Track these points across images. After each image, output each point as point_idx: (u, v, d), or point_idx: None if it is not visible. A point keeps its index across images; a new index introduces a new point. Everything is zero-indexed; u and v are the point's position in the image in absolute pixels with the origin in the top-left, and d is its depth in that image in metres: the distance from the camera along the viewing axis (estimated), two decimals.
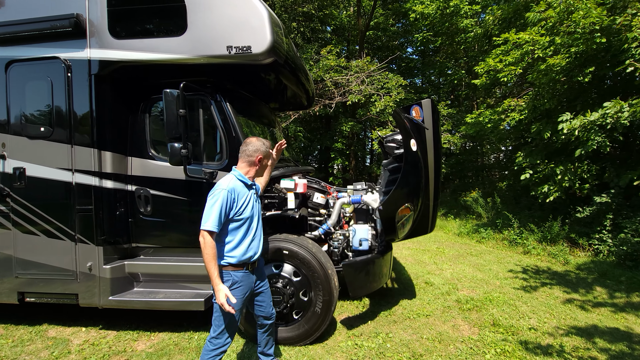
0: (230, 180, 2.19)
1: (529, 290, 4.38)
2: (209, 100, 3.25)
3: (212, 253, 2.02)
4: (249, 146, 2.29)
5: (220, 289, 2.02)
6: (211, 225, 2.02)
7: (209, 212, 2.05)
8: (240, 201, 2.18)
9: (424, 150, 2.96)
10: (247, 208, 2.22)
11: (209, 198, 2.10)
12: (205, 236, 2.02)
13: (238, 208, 2.16)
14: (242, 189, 2.23)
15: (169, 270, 3.27)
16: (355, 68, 11.26)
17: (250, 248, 2.25)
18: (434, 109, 2.96)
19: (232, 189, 2.14)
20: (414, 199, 3.00)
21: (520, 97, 7.24)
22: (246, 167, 2.30)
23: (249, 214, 2.23)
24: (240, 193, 2.19)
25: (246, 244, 2.23)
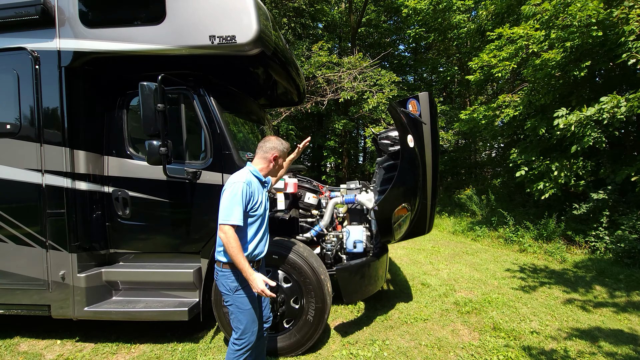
0: (246, 174, 2.14)
1: (528, 290, 4.26)
2: (192, 94, 3.03)
3: (239, 245, 1.97)
4: (266, 143, 2.26)
5: (255, 278, 1.97)
6: (236, 219, 1.98)
7: (230, 205, 1.99)
8: (256, 197, 2.13)
9: (422, 147, 2.79)
10: (261, 205, 2.18)
11: (226, 191, 2.05)
12: (228, 231, 1.96)
13: (254, 203, 2.11)
14: (257, 184, 2.19)
15: (151, 278, 3.04)
16: (348, 65, 11.09)
17: (259, 245, 2.22)
18: (432, 102, 2.79)
19: (250, 182, 2.10)
20: (412, 198, 2.83)
21: (515, 92, 7.13)
22: (261, 163, 2.25)
23: (262, 211, 2.20)
24: (256, 189, 2.15)
25: (257, 240, 2.18)
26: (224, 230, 1.97)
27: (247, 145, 3.53)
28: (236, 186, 2.03)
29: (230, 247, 1.95)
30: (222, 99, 3.23)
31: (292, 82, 4.15)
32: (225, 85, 3.47)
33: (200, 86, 3.05)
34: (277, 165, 2.29)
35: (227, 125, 3.07)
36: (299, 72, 4.19)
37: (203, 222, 3.03)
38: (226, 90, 3.44)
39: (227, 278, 2.10)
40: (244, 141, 3.54)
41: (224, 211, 2.00)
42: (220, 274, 2.13)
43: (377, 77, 11.03)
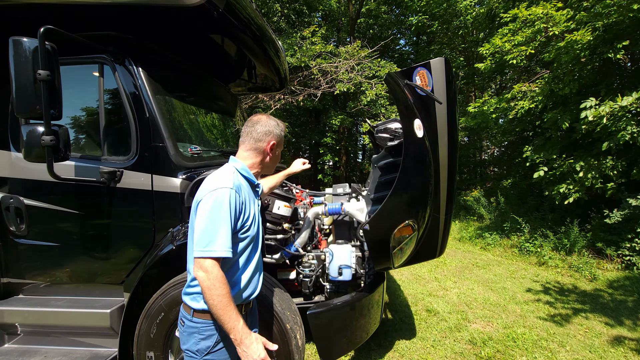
0: (232, 175, 1.37)
1: (560, 321, 3.41)
2: (112, 65, 2.17)
3: (227, 291, 1.24)
4: (256, 126, 1.49)
5: (252, 342, 1.25)
6: (222, 247, 1.24)
7: (212, 226, 1.25)
8: (248, 209, 1.41)
9: (434, 137, 1.92)
10: (254, 220, 1.45)
11: (203, 204, 1.29)
12: (211, 268, 1.22)
13: (245, 219, 1.38)
14: (248, 190, 1.46)
15: (55, 320, 2.19)
16: (345, 54, 10.20)
17: (252, 280, 1.48)
18: (449, 72, 1.92)
19: (239, 188, 1.36)
20: (419, 212, 1.97)
21: (533, 81, 6.26)
22: (252, 157, 1.49)
23: (255, 230, 1.47)
24: (247, 197, 1.42)
25: (249, 273, 1.45)
26: (205, 267, 1.23)
27: (202, 140, 2.67)
28: (220, 195, 1.28)
29: (216, 294, 1.21)
30: (160, 73, 2.37)
31: (270, 64, 3.28)
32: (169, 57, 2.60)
33: (126, 54, 2.19)
34: (274, 157, 1.56)
35: (162, 109, 2.20)
36: (278, 53, 3.31)
37: (125, 242, 2.19)
38: (168, 63, 2.56)
39: (200, 334, 1.32)
40: (197, 134, 2.68)
41: (203, 236, 1.25)
42: (188, 325, 1.34)
43: (376, 67, 10.15)
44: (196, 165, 2.24)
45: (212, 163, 2.41)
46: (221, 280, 1.22)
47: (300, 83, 10.13)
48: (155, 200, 2.12)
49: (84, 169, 2.10)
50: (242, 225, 1.36)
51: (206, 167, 2.31)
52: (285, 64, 3.64)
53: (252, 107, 10.00)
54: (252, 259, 1.46)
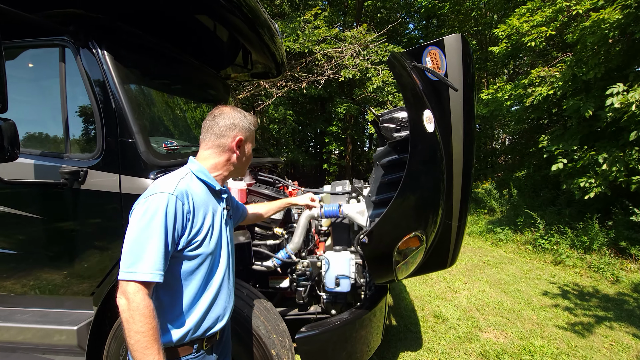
0: (179, 180, 1.11)
1: (582, 331, 3.11)
2: (74, 47, 1.87)
3: (149, 328, 0.95)
4: (218, 119, 1.22)
5: None
6: (147, 268, 0.97)
7: (139, 242, 0.99)
8: (198, 219, 1.12)
9: (447, 130, 1.61)
10: (210, 233, 1.16)
11: (134, 214, 1.04)
12: (133, 294, 0.96)
13: (194, 232, 1.11)
14: (204, 196, 1.18)
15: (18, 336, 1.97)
16: (350, 39, 9.71)
17: (212, 310, 1.19)
18: (466, 51, 1.58)
19: (183, 194, 1.08)
20: (428, 221, 1.66)
21: (553, 65, 5.79)
22: (214, 155, 1.23)
23: (214, 245, 1.17)
24: (199, 204, 1.14)
25: (206, 302, 1.16)
26: (126, 293, 0.96)
27: (183, 134, 2.39)
28: (154, 203, 1.02)
29: (134, 331, 0.94)
30: (131, 58, 2.07)
31: (265, 50, 2.95)
32: (147, 39, 2.29)
33: (90, 35, 1.89)
34: (242, 156, 1.28)
35: (132, 98, 1.91)
36: (274, 38, 2.97)
37: (92, 251, 1.94)
38: (142, 46, 2.25)
39: None
40: (177, 127, 2.39)
41: (128, 253, 0.99)
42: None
43: (383, 53, 9.66)
44: (171, 163, 1.96)
45: None
46: (143, 313, 0.94)
47: (303, 69, 9.72)
48: (124, 204, 1.85)
49: (41, 169, 1.84)
50: (190, 241, 1.09)
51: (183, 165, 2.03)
52: (282, 49, 3.30)
53: (253, 95, 9.66)
54: (211, 281, 1.18)
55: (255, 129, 1.30)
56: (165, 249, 1.00)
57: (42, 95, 2.04)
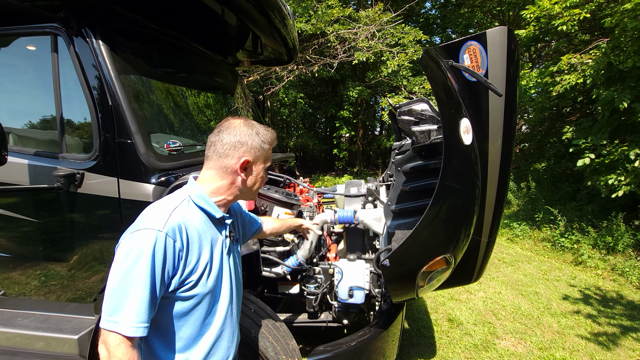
0: (175, 209, 0.96)
1: (606, 343, 2.94)
2: (66, 36, 1.70)
3: None
4: (222, 134, 1.03)
5: None
6: (130, 321, 0.84)
7: (121, 288, 0.85)
8: (193, 256, 0.96)
9: (483, 140, 1.39)
10: (208, 270, 1.00)
11: (118, 252, 0.89)
12: (114, 348, 0.83)
13: (188, 272, 0.95)
14: (202, 227, 1.01)
15: (20, 342, 1.90)
16: (365, 19, 9.23)
17: (213, 353, 1.05)
18: (512, 48, 1.34)
19: (175, 230, 0.92)
20: (458, 242, 1.48)
21: (586, 52, 5.35)
22: (216, 178, 1.05)
23: (212, 284, 1.01)
24: (195, 237, 0.97)
25: (205, 346, 1.02)
26: (107, 344, 0.84)
27: (187, 131, 2.22)
28: (140, 241, 0.87)
29: None
30: (129, 47, 1.89)
31: (275, 33, 2.72)
32: (147, 26, 2.09)
33: (83, 22, 1.70)
34: (253, 180, 1.09)
35: (130, 94, 1.74)
36: (285, 21, 2.72)
37: (91, 258, 1.83)
38: (142, 33, 2.06)
39: None
40: (181, 124, 2.22)
41: (109, 299, 0.86)
42: None
43: (399, 34, 9.18)
44: (175, 165, 1.81)
45: (197, 161, 1.96)
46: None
47: (315, 52, 9.34)
48: (124, 210, 1.72)
49: (35, 171, 1.71)
50: (183, 282, 0.94)
51: (188, 168, 1.88)
52: (293, 33, 3.05)
53: (263, 78, 9.37)
54: (210, 323, 1.04)
55: (270, 147, 1.11)
56: (151, 296, 0.86)
57: (34, 88, 1.88)
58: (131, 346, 0.84)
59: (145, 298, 0.85)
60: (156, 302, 0.89)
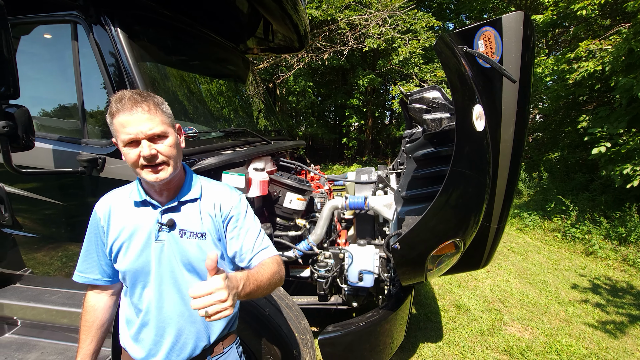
0: (117, 190, 1.15)
1: (613, 331, 2.96)
2: (86, 24, 1.74)
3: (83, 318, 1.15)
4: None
5: None
6: (77, 269, 1.14)
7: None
8: (112, 234, 1.06)
9: (496, 127, 1.40)
10: (126, 250, 1.05)
11: None
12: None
13: (109, 245, 1.07)
14: (132, 209, 1.08)
15: (48, 317, 2.03)
16: (377, 5, 9.05)
17: (140, 336, 1.09)
18: (529, 34, 1.34)
19: (104, 206, 1.09)
20: (468, 227, 1.51)
21: (606, 37, 5.18)
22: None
23: (130, 265, 1.05)
24: (119, 217, 1.07)
25: (136, 323, 1.09)
26: None
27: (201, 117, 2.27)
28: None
29: None
30: (146, 34, 1.93)
31: (287, 20, 2.73)
32: (162, 12, 2.12)
33: (101, 10, 1.74)
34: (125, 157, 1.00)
35: (148, 81, 1.79)
36: (296, 7, 2.71)
37: None
38: (157, 21, 2.09)
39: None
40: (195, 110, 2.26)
41: None
42: None
43: (411, 20, 8.99)
44: (191, 151, 1.86)
45: (212, 147, 2.02)
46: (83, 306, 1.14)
47: (325, 39, 9.23)
48: None
49: (60, 156, 1.79)
50: (110, 254, 1.08)
51: (203, 154, 1.93)
52: (305, 19, 3.04)
53: (273, 66, 9.33)
54: (138, 307, 1.07)
55: (111, 119, 0.97)
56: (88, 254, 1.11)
57: (55, 75, 1.94)
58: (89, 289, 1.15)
59: (83, 255, 1.11)
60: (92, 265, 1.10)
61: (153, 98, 1.00)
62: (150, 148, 0.95)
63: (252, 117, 2.98)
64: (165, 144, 0.99)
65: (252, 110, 3.02)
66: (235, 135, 2.30)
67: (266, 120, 3.22)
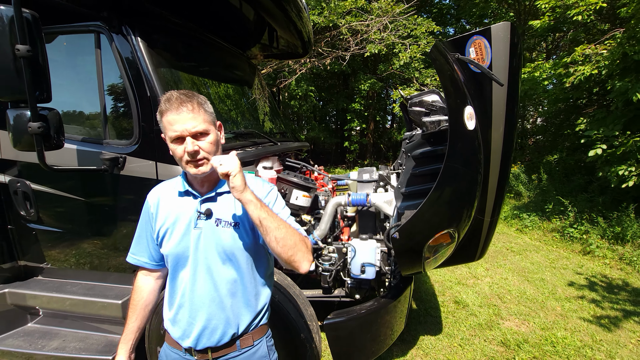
0: (166, 182, 1.28)
1: (607, 325, 3.06)
2: (109, 33, 1.89)
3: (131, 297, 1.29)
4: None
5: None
6: (130, 251, 1.30)
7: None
8: (160, 220, 1.19)
9: (487, 127, 1.54)
10: (170, 235, 1.16)
11: None
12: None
13: (156, 232, 1.19)
14: (177, 199, 1.19)
15: (70, 306, 2.16)
16: (377, 11, 9.24)
17: (177, 317, 1.17)
18: (514, 42, 1.47)
19: (154, 196, 1.24)
20: (461, 219, 1.64)
21: (601, 42, 5.32)
22: None
23: (172, 249, 1.15)
24: (166, 206, 1.19)
25: (175, 304, 1.18)
26: None
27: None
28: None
29: None
30: (163, 43, 2.09)
31: (292, 27, 2.88)
32: (176, 22, 2.28)
33: (123, 20, 1.90)
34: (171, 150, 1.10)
35: (166, 86, 1.93)
36: (300, 14, 2.86)
37: (132, 230, 2.04)
38: (173, 30, 2.25)
39: None
40: None
41: None
42: None
43: (411, 26, 9.17)
44: None
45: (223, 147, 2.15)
46: (133, 285, 1.29)
47: (327, 44, 9.41)
48: None
49: (84, 155, 1.93)
50: (157, 238, 1.21)
51: None
52: (308, 26, 3.19)
53: (276, 71, 9.52)
54: (175, 289, 1.16)
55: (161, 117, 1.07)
56: (140, 239, 1.26)
57: (80, 81, 2.09)
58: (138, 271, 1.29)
59: (136, 239, 1.26)
60: (144, 249, 1.24)
61: (197, 98, 1.09)
62: (193, 145, 1.03)
63: (258, 119, 3.12)
64: (206, 140, 1.07)
65: (258, 113, 3.16)
66: (244, 136, 2.44)
67: (271, 122, 3.36)
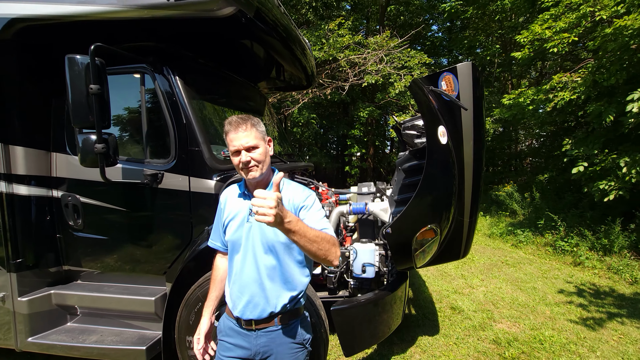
0: (232, 184, 1.66)
1: (592, 325, 3.31)
2: (152, 74, 2.35)
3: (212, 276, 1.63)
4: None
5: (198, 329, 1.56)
6: (210, 238, 1.64)
7: None
8: (225, 214, 1.51)
9: (459, 142, 1.94)
10: (231, 226, 1.47)
11: None
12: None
13: (223, 221, 1.53)
14: (238, 197, 1.50)
15: (108, 304, 2.46)
16: (374, 45, 10.02)
17: (232, 292, 1.45)
18: (476, 77, 1.91)
19: (224, 194, 1.57)
20: (442, 216, 2.00)
21: (575, 71, 5.88)
22: None
23: (231, 237, 1.46)
24: (231, 202, 1.51)
25: (230, 281, 1.48)
26: None
27: None
28: None
29: None
30: (194, 80, 2.54)
31: (297, 63, 3.37)
32: (201, 62, 2.75)
33: (164, 63, 2.36)
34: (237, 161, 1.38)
35: (198, 115, 2.37)
36: (304, 51, 3.38)
37: (166, 238, 2.40)
38: (202, 69, 2.72)
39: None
40: None
41: None
42: None
43: (405, 58, 9.90)
44: (229, 167, 2.40)
45: None
46: (212, 266, 1.61)
47: (327, 76, 10.12)
48: (193, 200, 2.31)
49: (129, 172, 2.32)
50: (223, 226, 1.50)
51: (233, 170, 2.46)
52: (311, 61, 3.70)
53: (280, 100, 10.16)
54: (233, 266, 1.44)
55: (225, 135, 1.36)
56: (217, 226, 1.56)
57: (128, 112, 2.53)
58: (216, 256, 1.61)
59: (214, 226, 1.57)
60: (218, 235, 1.55)
61: (251, 120, 1.37)
62: (245, 156, 1.31)
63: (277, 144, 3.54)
64: (256, 152, 1.33)
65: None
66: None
67: (280, 146, 3.79)
